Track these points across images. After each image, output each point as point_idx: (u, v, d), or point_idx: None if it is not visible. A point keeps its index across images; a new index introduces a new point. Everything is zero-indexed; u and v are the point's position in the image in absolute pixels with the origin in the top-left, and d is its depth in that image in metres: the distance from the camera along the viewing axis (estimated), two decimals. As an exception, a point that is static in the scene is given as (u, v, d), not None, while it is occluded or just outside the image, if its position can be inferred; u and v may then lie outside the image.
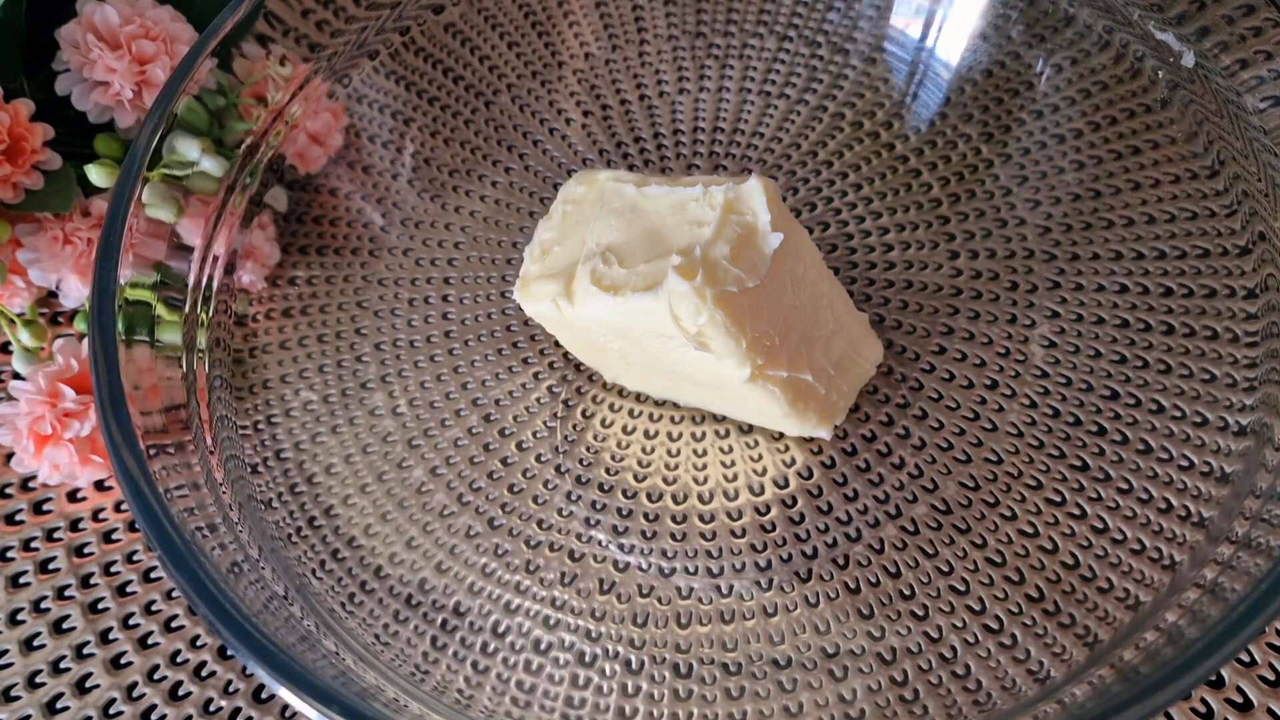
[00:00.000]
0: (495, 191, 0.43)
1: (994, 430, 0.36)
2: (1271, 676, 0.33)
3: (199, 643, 0.35)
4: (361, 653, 0.30)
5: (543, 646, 0.33)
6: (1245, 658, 0.34)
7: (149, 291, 0.33)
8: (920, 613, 0.33)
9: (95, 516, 0.38)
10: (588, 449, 0.38)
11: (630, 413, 0.39)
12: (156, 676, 0.35)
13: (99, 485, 0.39)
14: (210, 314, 0.35)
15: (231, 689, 0.35)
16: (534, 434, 0.38)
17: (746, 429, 0.38)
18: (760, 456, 0.37)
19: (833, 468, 0.36)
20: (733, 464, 0.37)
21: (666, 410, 0.39)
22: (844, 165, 0.43)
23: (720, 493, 0.36)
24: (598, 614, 0.34)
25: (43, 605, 0.37)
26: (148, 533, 0.27)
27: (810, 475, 0.36)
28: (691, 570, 0.35)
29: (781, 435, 0.37)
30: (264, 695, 0.35)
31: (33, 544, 0.38)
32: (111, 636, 0.36)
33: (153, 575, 0.37)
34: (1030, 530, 0.34)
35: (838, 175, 0.43)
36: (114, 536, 0.38)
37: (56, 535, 0.38)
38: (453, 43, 0.43)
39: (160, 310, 0.33)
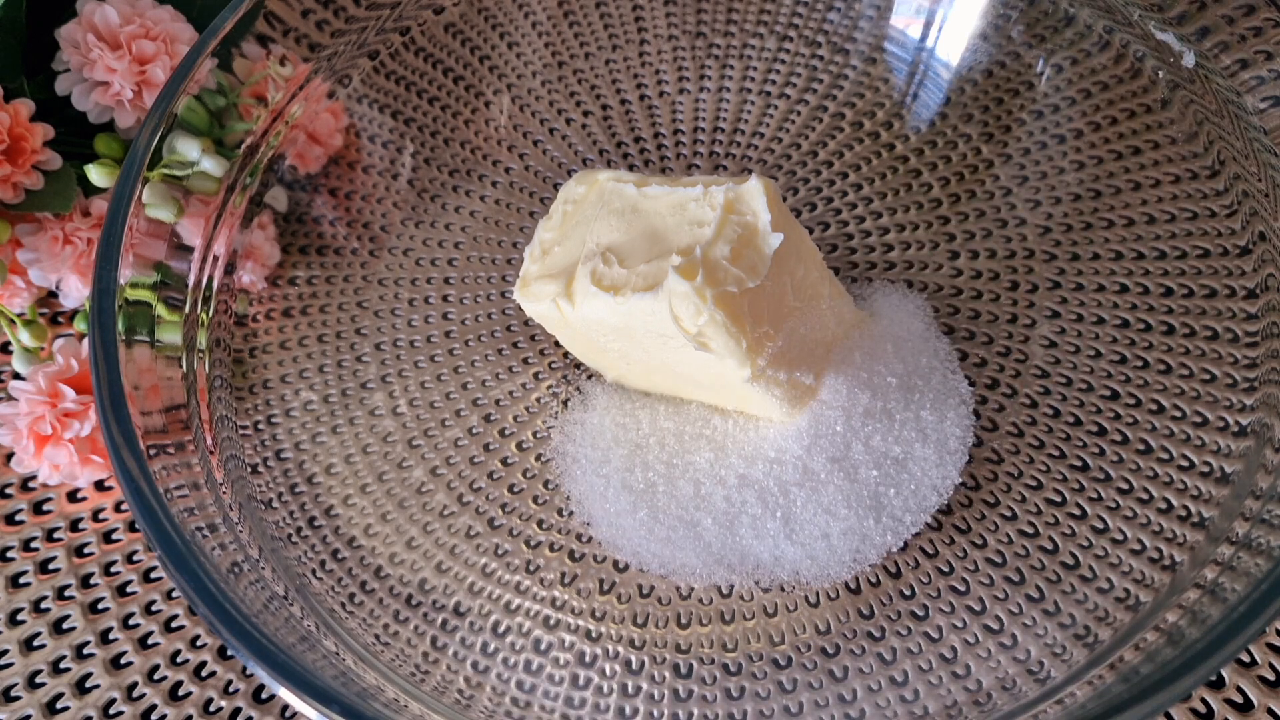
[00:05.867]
0: (495, 191, 0.43)
1: (994, 430, 0.36)
2: (1271, 676, 0.33)
3: (199, 643, 0.36)
4: (361, 653, 0.31)
5: (543, 646, 0.33)
6: (1245, 658, 0.34)
7: (149, 291, 0.33)
8: (920, 613, 0.33)
9: (95, 516, 0.38)
10: (588, 449, 0.38)
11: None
12: (156, 676, 0.35)
13: (99, 485, 0.39)
14: (210, 314, 0.35)
15: (231, 689, 0.35)
16: (534, 434, 0.38)
17: (746, 429, 0.38)
18: (760, 456, 0.37)
19: (833, 468, 0.36)
20: (733, 464, 0.37)
21: (666, 410, 0.39)
22: (844, 165, 0.43)
23: (720, 493, 0.36)
24: (598, 614, 0.34)
25: (43, 605, 0.37)
26: (148, 533, 0.27)
27: (810, 475, 0.36)
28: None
29: (781, 435, 0.37)
30: (264, 695, 0.35)
31: (33, 544, 0.38)
32: (111, 636, 0.36)
33: (153, 575, 0.37)
34: (1030, 530, 0.34)
35: (838, 175, 0.43)
36: (114, 536, 0.38)
37: (56, 535, 0.38)
38: (453, 43, 0.43)
39: (160, 310, 0.33)
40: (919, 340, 0.37)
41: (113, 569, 0.37)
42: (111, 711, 0.34)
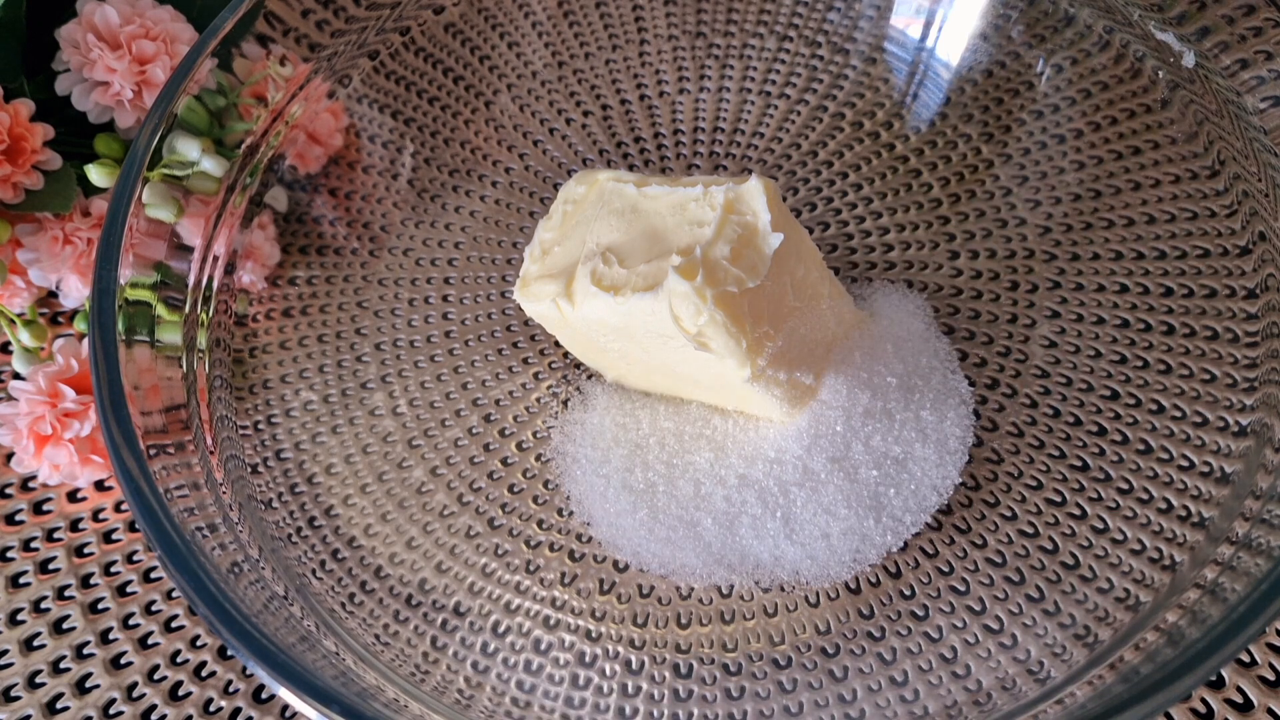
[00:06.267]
0: (495, 191, 0.43)
1: (994, 430, 0.36)
2: (1271, 676, 0.33)
3: (199, 643, 0.36)
4: (361, 653, 0.31)
5: (543, 646, 0.33)
6: (1245, 658, 0.34)
7: (149, 291, 0.33)
8: (920, 613, 0.33)
9: (95, 516, 0.38)
10: (588, 449, 0.38)
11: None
12: (156, 676, 0.35)
13: (99, 485, 0.39)
14: (210, 314, 0.35)
15: (231, 689, 0.35)
16: (534, 434, 0.38)
17: (746, 429, 0.38)
18: (760, 456, 0.37)
19: (833, 468, 0.36)
20: (733, 464, 0.37)
21: (666, 410, 0.39)
22: (844, 165, 0.43)
23: (720, 493, 0.36)
24: (598, 614, 0.34)
25: (43, 605, 0.37)
26: (148, 533, 0.27)
27: (810, 475, 0.36)
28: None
29: (781, 435, 0.37)
30: (264, 695, 0.35)
31: (33, 544, 0.38)
32: (111, 636, 0.36)
33: (153, 575, 0.37)
34: (1030, 530, 0.34)
35: (838, 175, 0.43)
36: (114, 536, 0.38)
37: (56, 535, 0.38)
38: (453, 43, 0.43)
39: (160, 310, 0.33)
40: (919, 340, 0.37)
41: (113, 569, 0.37)
42: (111, 711, 0.34)
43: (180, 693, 0.35)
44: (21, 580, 0.37)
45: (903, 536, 0.34)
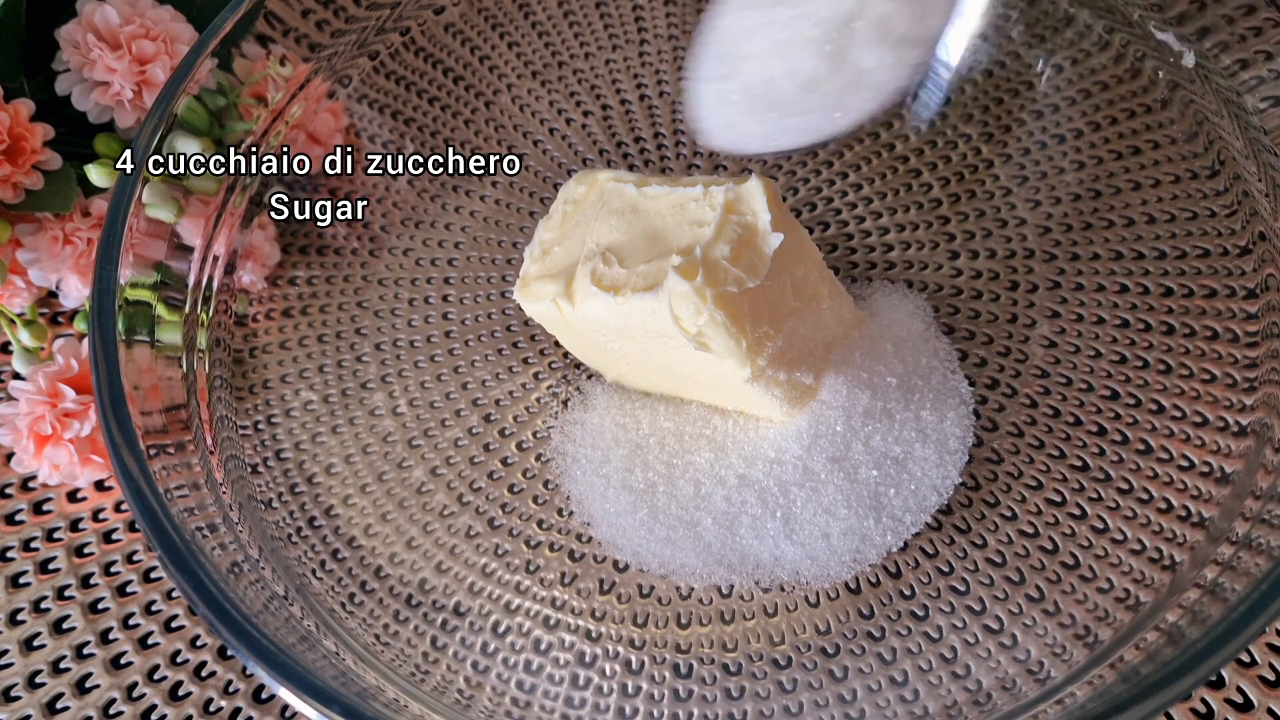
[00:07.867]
0: (495, 191, 0.43)
1: (994, 430, 0.36)
2: (1271, 676, 0.33)
3: (199, 643, 0.36)
4: (361, 653, 0.31)
5: (543, 646, 0.33)
6: (1245, 658, 0.34)
7: (149, 291, 0.33)
8: (920, 613, 0.33)
9: (95, 516, 0.38)
10: (588, 449, 0.38)
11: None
12: (156, 676, 0.35)
13: (99, 485, 0.39)
14: (210, 314, 0.35)
15: (231, 689, 0.35)
16: (534, 434, 0.38)
17: (746, 429, 0.38)
18: (760, 456, 0.37)
19: (833, 468, 0.36)
20: (733, 464, 0.37)
21: (666, 410, 0.38)
22: (844, 165, 0.43)
23: (720, 493, 0.36)
24: (598, 614, 0.34)
25: (43, 605, 0.37)
26: (148, 533, 0.27)
27: (810, 475, 0.36)
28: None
29: (781, 435, 0.37)
30: (264, 695, 0.35)
31: (33, 544, 0.38)
32: (111, 636, 0.36)
33: (153, 575, 0.37)
34: (1030, 530, 0.34)
35: (838, 175, 0.43)
36: (114, 536, 0.38)
37: (56, 535, 0.38)
38: (453, 43, 0.43)
39: (160, 310, 0.33)
40: (919, 340, 0.37)
41: (113, 569, 0.37)
42: (111, 711, 0.34)
43: (180, 693, 0.35)
44: (21, 580, 0.37)
45: (903, 536, 0.34)
